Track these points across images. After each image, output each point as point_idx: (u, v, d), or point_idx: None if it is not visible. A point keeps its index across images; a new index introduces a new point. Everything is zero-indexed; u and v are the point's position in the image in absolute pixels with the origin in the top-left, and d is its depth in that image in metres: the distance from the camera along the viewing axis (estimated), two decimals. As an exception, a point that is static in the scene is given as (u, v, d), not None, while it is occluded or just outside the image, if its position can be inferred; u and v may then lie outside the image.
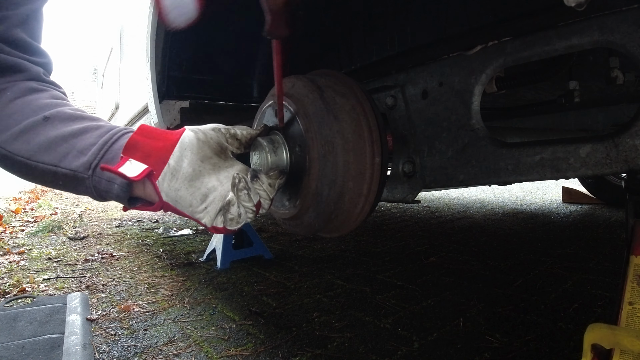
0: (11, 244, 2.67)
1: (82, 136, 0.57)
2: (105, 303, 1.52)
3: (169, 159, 0.54)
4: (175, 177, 0.54)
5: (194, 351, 1.12)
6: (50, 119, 0.57)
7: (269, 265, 1.97)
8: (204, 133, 0.57)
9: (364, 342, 1.14)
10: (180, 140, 0.56)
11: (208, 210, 0.56)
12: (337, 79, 0.70)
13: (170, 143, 0.55)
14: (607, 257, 1.87)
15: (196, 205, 0.55)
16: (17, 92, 0.59)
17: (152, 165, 0.54)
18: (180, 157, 0.54)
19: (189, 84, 1.32)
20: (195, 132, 0.57)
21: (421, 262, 1.92)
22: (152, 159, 0.54)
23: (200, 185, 0.55)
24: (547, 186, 5.33)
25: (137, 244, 2.63)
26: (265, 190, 0.58)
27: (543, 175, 0.64)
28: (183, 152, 0.55)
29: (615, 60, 0.88)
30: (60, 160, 0.55)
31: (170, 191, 0.54)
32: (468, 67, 0.71)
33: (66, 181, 0.56)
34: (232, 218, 0.56)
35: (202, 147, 0.56)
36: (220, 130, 0.59)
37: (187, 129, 0.58)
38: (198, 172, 0.55)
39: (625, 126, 0.56)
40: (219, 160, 0.58)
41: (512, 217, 3.10)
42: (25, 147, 0.56)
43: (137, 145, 0.54)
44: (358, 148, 0.63)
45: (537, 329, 1.17)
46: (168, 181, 0.54)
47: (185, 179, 0.54)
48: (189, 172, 0.54)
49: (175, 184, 0.54)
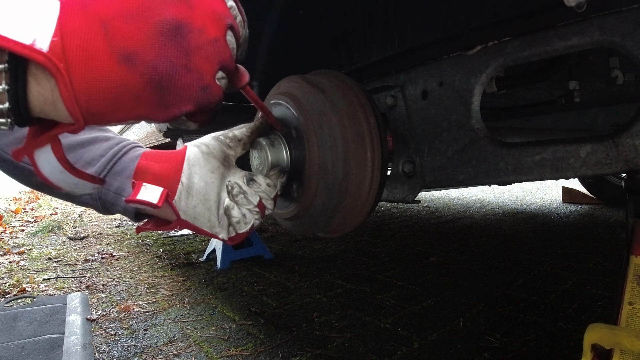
0: (11, 244, 2.67)
1: (90, 147, 0.57)
2: (105, 303, 1.52)
3: (181, 178, 0.54)
4: (190, 194, 0.54)
5: (194, 351, 1.12)
6: None
7: (269, 265, 1.97)
8: (206, 145, 0.58)
9: (364, 342, 1.14)
10: (186, 158, 0.56)
11: (223, 224, 0.56)
12: (337, 78, 0.70)
13: (178, 162, 0.55)
14: (607, 257, 1.87)
15: (214, 220, 0.56)
16: None
17: (167, 187, 0.54)
18: (190, 173, 0.55)
19: (189, 84, 1.32)
20: (197, 146, 0.58)
21: (421, 262, 1.92)
22: (164, 180, 0.54)
23: (215, 198, 0.56)
24: (547, 186, 5.33)
25: (137, 244, 2.63)
26: (264, 190, 0.58)
27: (543, 175, 0.64)
28: (192, 168, 0.55)
29: (615, 60, 0.88)
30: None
31: (188, 209, 0.54)
32: (468, 67, 0.71)
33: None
34: (237, 221, 0.56)
35: (208, 159, 0.56)
36: (220, 138, 0.59)
37: (188, 145, 0.58)
38: (210, 185, 0.56)
39: (625, 126, 0.56)
40: (225, 170, 0.58)
41: (512, 217, 3.10)
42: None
43: (147, 170, 0.54)
44: (358, 148, 0.63)
45: (537, 329, 1.17)
46: (185, 199, 0.54)
47: (200, 195, 0.55)
48: (202, 186, 0.55)
49: (192, 201, 0.54)
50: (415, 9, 0.81)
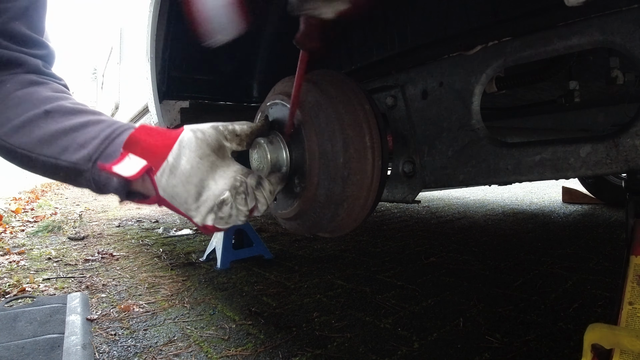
0: (11, 244, 2.67)
1: (83, 130, 0.58)
2: (105, 303, 1.52)
3: (168, 156, 0.55)
4: (173, 173, 0.55)
5: (194, 351, 1.12)
6: (51, 113, 0.58)
7: (269, 265, 1.97)
8: (202, 132, 0.58)
9: (364, 342, 1.14)
10: (179, 139, 0.57)
11: (200, 209, 0.57)
12: (337, 78, 0.70)
13: (170, 141, 0.56)
14: (607, 257, 1.87)
15: (191, 202, 0.57)
16: (17, 85, 0.60)
17: (151, 161, 0.55)
18: (178, 154, 0.56)
19: (189, 83, 1.32)
20: (194, 130, 0.58)
21: (421, 262, 1.92)
22: (151, 155, 0.55)
23: (197, 183, 0.56)
24: (547, 186, 5.33)
25: (137, 244, 2.63)
26: (266, 197, 0.59)
27: (543, 175, 0.64)
28: (182, 149, 0.56)
29: (615, 60, 0.88)
30: (61, 153, 0.56)
31: (167, 187, 0.56)
32: (468, 67, 0.71)
33: (67, 173, 0.57)
34: (222, 217, 0.57)
35: (200, 145, 0.57)
36: (218, 128, 0.60)
37: (186, 127, 0.59)
38: (196, 170, 0.56)
39: (625, 126, 0.56)
40: (217, 159, 0.58)
41: (512, 217, 3.10)
42: (26, 139, 0.57)
43: (137, 142, 0.56)
44: (359, 148, 0.63)
45: (537, 329, 1.17)
46: (166, 177, 0.55)
47: (182, 176, 0.55)
48: (187, 169, 0.56)
49: (173, 180, 0.55)
50: (415, 9, 0.81)
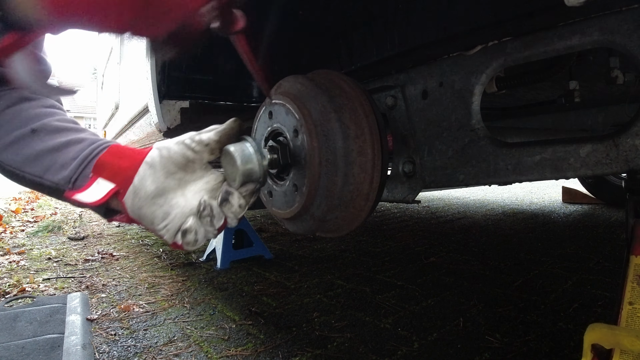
0: (11, 244, 2.67)
1: (65, 149, 0.59)
2: (105, 303, 1.52)
3: (134, 178, 0.56)
4: (137, 195, 0.56)
5: (194, 351, 1.12)
6: (37, 132, 0.60)
7: (269, 265, 1.97)
8: (167, 149, 0.58)
9: (364, 342, 1.14)
10: (145, 159, 0.57)
11: (168, 228, 0.57)
12: (337, 78, 0.70)
13: (137, 162, 0.57)
14: (607, 257, 1.87)
15: (157, 223, 0.57)
16: (8, 102, 0.61)
17: (120, 184, 0.56)
18: (144, 176, 0.56)
19: (189, 83, 1.32)
20: (159, 149, 0.58)
21: (421, 262, 1.92)
22: (119, 178, 0.56)
23: (163, 203, 0.57)
24: (547, 186, 5.33)
25: (137, 244, 2.63)
26: (234, 212, 0.57)
27: (543, 175, 0.64)
28: (146, 170, 0.56)
29: (615, 60, 0.88)
30: (44, 173, 0.58)
31: (134, 209, 0.57)
32: (468, 67, 0.71)
33: (50, 192, 0.60)
34: (188, 242, 0.57)
35: (165, 164, 0.57)
36: (184, 143, 0.58)
37: (154, 146, 0.59)
38: (162, 189, 0.56)
39: (625, 126, 0.56)
40: (186, 174, 0.58)
41: (512, 217, 3.10)
42: (14, 157, 0.59)
43: (105, 165, 0.57)
44: (359, 148, 0.63)
45: (537, 329, 1.17)
46: (131, 199, 0.56)
47: (147, 197, 0.56)
48: (152, 190, 0.56)
49: (138, 202, 0.56)
50: (415, 9, 0.81)
